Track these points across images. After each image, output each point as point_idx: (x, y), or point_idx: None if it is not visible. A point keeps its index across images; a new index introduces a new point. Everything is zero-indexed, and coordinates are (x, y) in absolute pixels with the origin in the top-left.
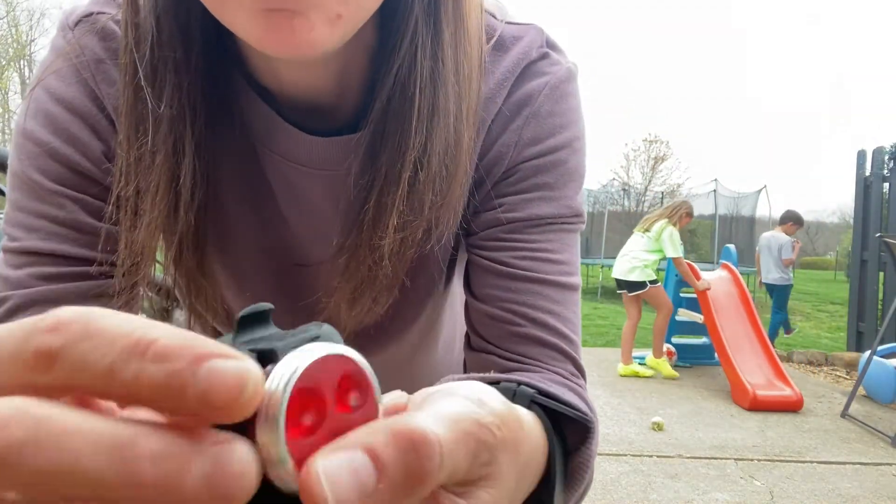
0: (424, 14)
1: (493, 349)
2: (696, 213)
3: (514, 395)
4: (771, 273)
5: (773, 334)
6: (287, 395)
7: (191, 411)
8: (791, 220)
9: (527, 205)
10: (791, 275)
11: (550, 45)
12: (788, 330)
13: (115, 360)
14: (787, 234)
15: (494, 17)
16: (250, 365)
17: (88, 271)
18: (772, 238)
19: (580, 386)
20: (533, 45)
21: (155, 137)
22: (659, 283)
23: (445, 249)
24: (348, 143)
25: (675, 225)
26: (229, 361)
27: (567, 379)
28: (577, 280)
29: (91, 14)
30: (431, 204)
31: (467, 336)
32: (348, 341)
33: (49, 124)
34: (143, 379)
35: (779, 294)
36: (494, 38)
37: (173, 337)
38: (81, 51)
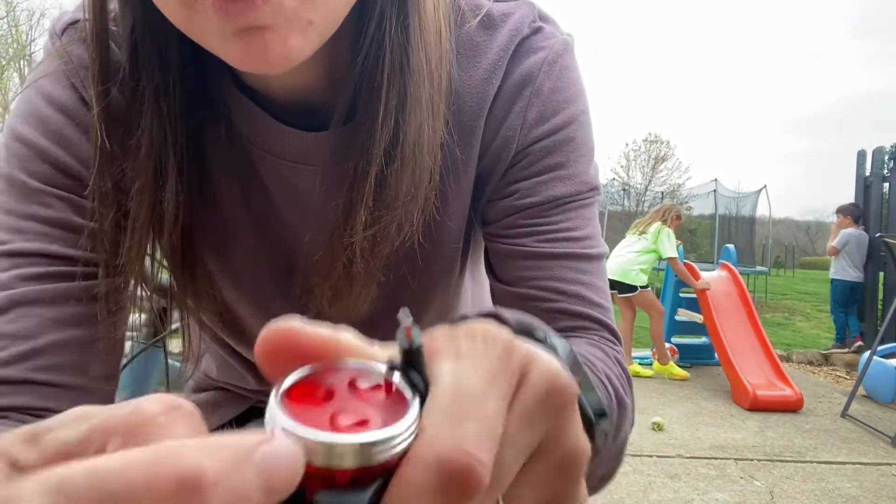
0: (391, 6)
1: None
2: (696, 213)
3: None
4: (858, 271)
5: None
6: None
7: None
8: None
9: (542, 188)
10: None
11: (543, 17)
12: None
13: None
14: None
15: None
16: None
17: (75, 271)
18: (861, 235)
19: (617, 352)
20: (525, 21)
21: (135, 164)
22: (648, 289)
23: (456, 237)
24: (323, 138)
25: (669, 227)
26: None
27: (605, 345)
28: (603, 249)
29: (77, 21)
30: (404, 197)
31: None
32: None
33: (40, 125)
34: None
35: (857, 292)
36: (481, 16)
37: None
38: (69, 58)
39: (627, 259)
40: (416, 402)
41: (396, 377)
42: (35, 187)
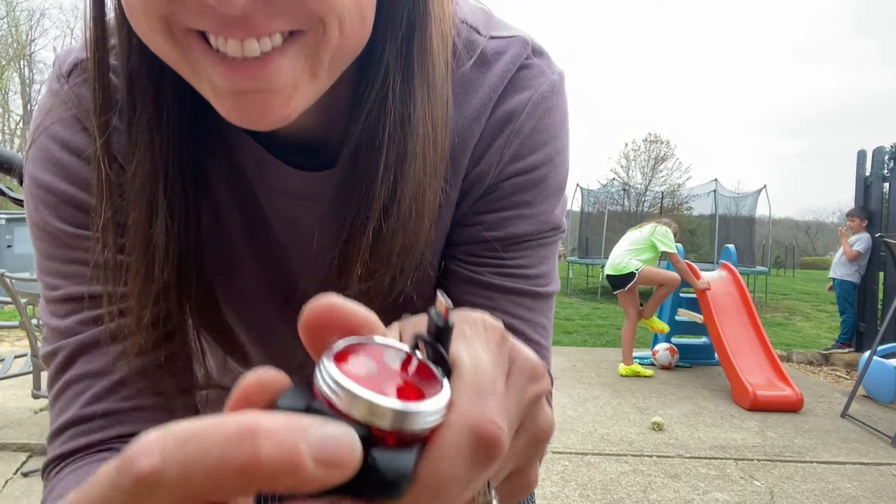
0: (395, 59)
1: None
2: (695, 213)
3: None
4: (862, 271)
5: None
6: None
7: (310, 478)
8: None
9: (505, 223)
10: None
11: (537, 52)
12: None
13: (223, 450)
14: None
15: (479, 31)
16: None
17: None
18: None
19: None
20: (517, 59)
21: (129, 197)
22: (646, 266)
23: (434, 278)
24: (325, 179)
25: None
26: (332, 426)
27: None
28: (553, 287)
29: (82, 61)
30: (400, 251)
31: None
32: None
33: (61, 172)
34: (261, 454)
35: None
36: (476, 55)
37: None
38: (79, 101)
39: (619, 253)
40: (446, 379)
41: (420, 354)
42: (71, 232)
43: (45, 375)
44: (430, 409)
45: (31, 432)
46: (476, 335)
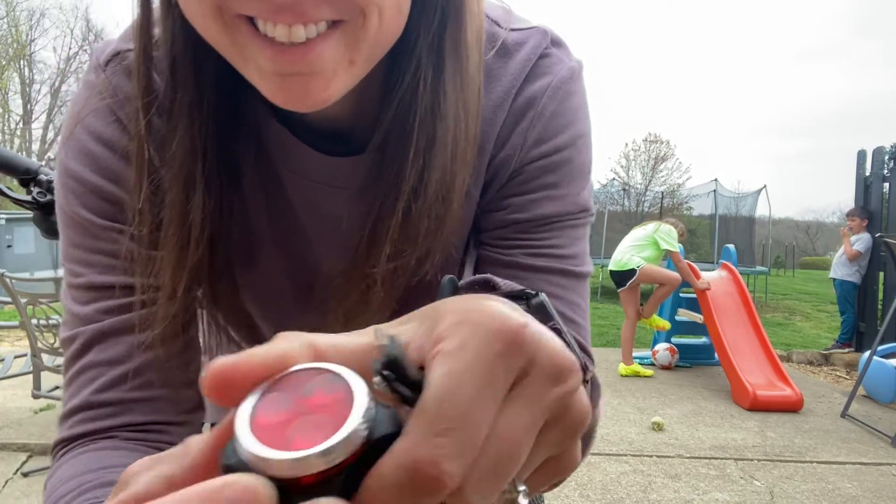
0: (428, 50)
1: None
2: (695, 213)
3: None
4: (863, 271)
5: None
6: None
7: None
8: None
9: (533, 205)
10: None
11: (555, 42)
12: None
13: None
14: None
15: (499, 24)
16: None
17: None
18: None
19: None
20: (537, 48)
21: (166, 177)
22: (647, 264)
23: (460, 262)
24: (355, 164)
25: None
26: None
27: None
28: (587, 269)
29: (119, 53)
30: (426, 233)
31: None
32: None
33: (91, 163)
34: None
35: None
36: (497, 45)
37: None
38: (114, 91)
39: (622, 250)
40: (363, 391)
41: (343, 371)
42: (98, 223)
43: (45, 376)
44: (330, 445)
45: (31, 432)
46: (464, 351)
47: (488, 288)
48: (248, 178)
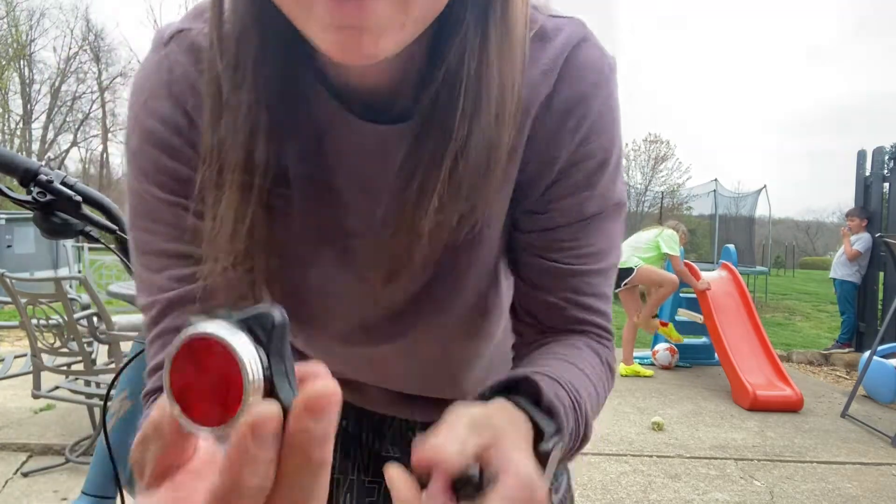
0: (474, 20)
1: (536, 323)
2: (695, 213)
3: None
4: (863, 271)
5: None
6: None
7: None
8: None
9: (578, 208)
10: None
11: (591, 35)
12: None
13: None
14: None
15: (537, 9)
16: None
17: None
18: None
19: (608, 349)
20: (575, 36)
21: (235, 122)
22: (645, 265)
23: (496, 239)
24: (402, 131)
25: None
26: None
27: (601, 344)
28: (616, 257)
29: (182, 31)
30: (469, 191)
31: (514, 306)
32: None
33: (150, 139)
34: None
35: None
36: (536, 29)
37: None
38: (173, 67)
39: (622, 250)
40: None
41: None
42: (162, 197)
43: (45, 375)
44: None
45: (31, 432)
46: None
47: (531, 387)
48: (293, 149)
